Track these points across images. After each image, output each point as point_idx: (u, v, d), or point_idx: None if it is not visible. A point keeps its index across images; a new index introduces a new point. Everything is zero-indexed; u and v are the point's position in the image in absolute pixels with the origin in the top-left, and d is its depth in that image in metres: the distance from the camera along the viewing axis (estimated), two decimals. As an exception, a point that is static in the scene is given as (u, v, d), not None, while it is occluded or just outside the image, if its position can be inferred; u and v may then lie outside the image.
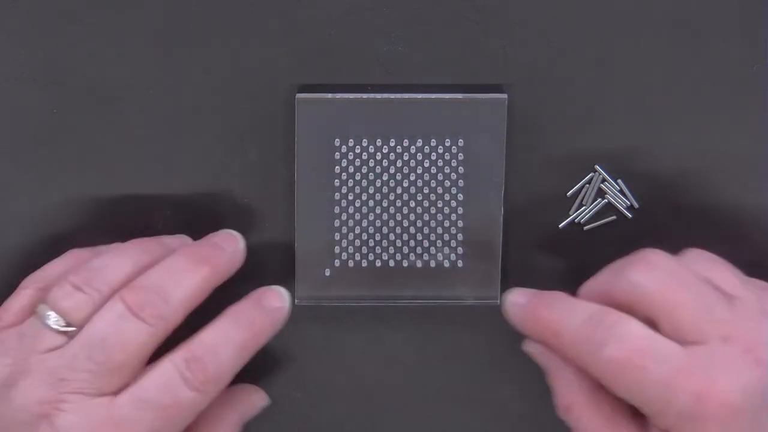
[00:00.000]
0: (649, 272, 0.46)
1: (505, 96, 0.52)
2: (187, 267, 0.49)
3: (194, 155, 0.53)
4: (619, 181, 0.53)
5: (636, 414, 0.47)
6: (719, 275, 0.47)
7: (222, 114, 0.52)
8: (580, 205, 0.53)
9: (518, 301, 0.50)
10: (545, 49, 0.52)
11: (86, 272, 0.48)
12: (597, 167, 0.53)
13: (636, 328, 0.45)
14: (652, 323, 0.46)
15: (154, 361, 0.48)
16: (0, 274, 0.53)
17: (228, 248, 0.51)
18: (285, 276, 0.53)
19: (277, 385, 0.54)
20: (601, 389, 0.48)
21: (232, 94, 0.52)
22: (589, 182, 0.53)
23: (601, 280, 0.48)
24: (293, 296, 0.52)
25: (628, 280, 0.46)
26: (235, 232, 0.51)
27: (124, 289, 0.48)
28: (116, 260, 0.49)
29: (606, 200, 0.53)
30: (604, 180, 0.53)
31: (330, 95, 0.52)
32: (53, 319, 0.48)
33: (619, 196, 0.53)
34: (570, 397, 0.49)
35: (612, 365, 0.45)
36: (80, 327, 0.48)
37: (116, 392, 0.47)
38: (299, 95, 0.52)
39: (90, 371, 0.47)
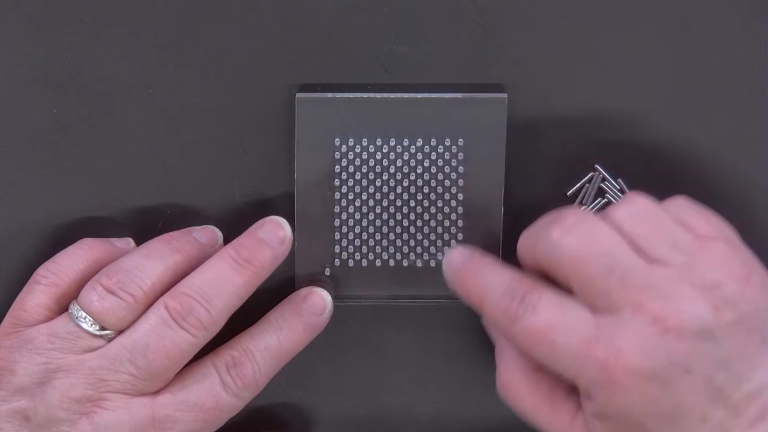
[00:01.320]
0: (562, 237, 0.45)
1: (505, 96, 0.52)
2: (230, 272, 0.49)
3: (194, 155, 0.53)
4: (619, 180, 0.53)
5: (573, 391, 0.47)
6: (659, 233, 0.45)
7: (222, 114, 0.52)
8: (580, 205, 0.53)
9: (455, 264, 0.49)
10: (545, 49, 0.52)
11: (118, 275, 0.49)
12: (597, 167, 0.53)
13: (547, 300, 0.45)
14: (564, 291, 0.45)
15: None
16: (1, 273, 0.53)
17: (273, 242, 0.51)
18: (285, 276, 0.53)
19: (277, 385, 0.54)
20: (540, 369, 0.48)
21: (232, 94, 0.52)
22: (589, 182, 0.53)
23: (529, 236, 0.47)
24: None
25: (545, 244, 0.45)
26: (281, 220, 0.52)
27: (167, 296, 0.49)
28: (148, 262, 0.49)
29: (606, 200, 0.53)
30: (604, 180, 0.53)
31: (330, 95, 0.52)
32: (89, 322, 0.48)
33: (619, 195, 0.53)
34: (509, 373, 0.48)
35: (525, 338, 0.45)
36: (116, 330, 0.48)
37: (155, 393, 0.48)
38: (299, 95, 0.52)
39: (131, 374, 0.48)
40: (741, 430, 0.43)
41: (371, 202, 0.53)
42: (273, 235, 0.51)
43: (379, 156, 0.52)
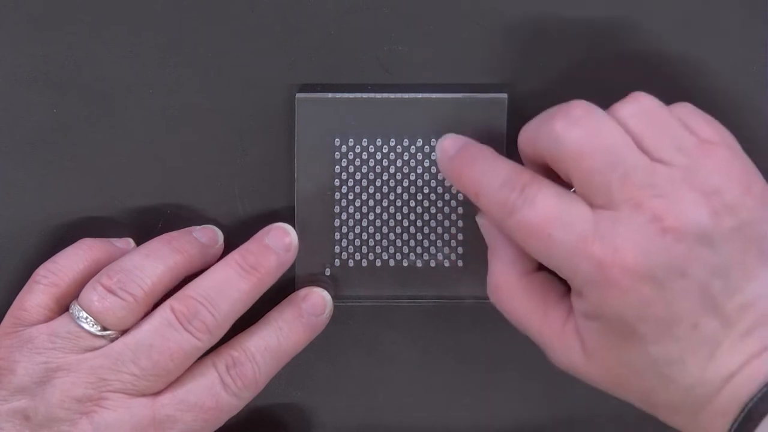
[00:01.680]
0: (566, 129, 0.44)
1: (505, 96, 0.52)
2: (235, 278, 0.49)
3: (194, 155, 0.53)
4: (619, 180, 0.53)
5: (565, 295, 0.47)
6: (664, 134, 0.45)
7: (221, 114, 0.52)
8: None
9: (448, 151, 0.48)
10: (545, 49, 0.52)
11: (118, 275, 0.49)
12: (597, 167, 0.53)
13: (546, 193, 0.44)
14: (564, 185, 0.45)
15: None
16: (1, 273, 0.53)
17: (279, 249, 0.51)
18: (285, 276, 0.53)
19: (277, 385, 0.54)
20: (534, 271, 0.47)
21: (232, 94, 0.52)
22: (589, 182, 0.53)
23: (532, 126, 0.47)
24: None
25: (547, 135, 0.45)
26: (288, 228, 0.51)
27: (173, 299, 0.49)
28: (148, 262, 0.49)
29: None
30: (604, 180, 0.53)
31: (330, 95, 0.52)
32: (90, 322, 0.48)
33: (619, 195, 0.53)
34: (501, 275, 0.48)
35: (522, 231, 0.45)
36: (116, 330, 0.49)
37: (156, 393, 0.48)
38: (299, 95, 0.52)
39: (133, 374, 0.48)
40: (731, 342, 0.43)
41: (371, 202, 0.53)
42: (279, 242, 0.51)
43: (379, 156, 0.52)
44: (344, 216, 0.53)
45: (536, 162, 0.46)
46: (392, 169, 0.52)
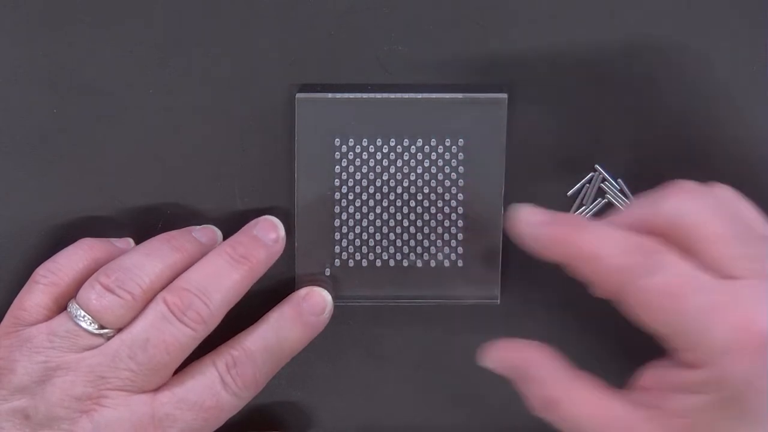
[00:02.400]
0: (689, 201, 0.45)
1: (505, 96, 0.52)
2: (227, 268, 0.50)
3: (194, 155, 0.53)
4: (619, 180, 0.53)
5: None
6: (746, 213, 0.46)
7: (222, 114, 0.52)
8: (580, 205, 0.53)
9: (534, 220, 0.47)
10: (545, 49, 0.52)
11: (117, 273, 0.49)
12: (597, 167, 0.53)
13: (674, 258, 0.44)
14: (686, 256, 0.44)
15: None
16: (1, 273, 0.53)
17: (268, 241, 0.51)
18: (285, 276, 0.53)
19: (277, 385, 0.54)
20: (577, 376, 0.46)
21: (232, 94, 0.52)
22: (589, 182, 0.53)
23: (636, 212, 0.46)
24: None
25: (669, 209, 0.45)
26: (275, 220, 0.52)
27: (166, 291, 0.49)
28: (147, 260, 0.49)
29: (606, 200, 0.53)
30: (604, 180, 0.53)
31: (330, 95, 0.52)
32: (87, 321, 0.48)
33: (619, 196, 0.53)
34: (548, 393, 0.47)
35: (653, 294, 0.44)
36: (114, 328, 0.49)
37: (155, 390, 0.49)
38: (299, 95, 0.52)
39: (131, 370, 0.48)
40: None
41: (371, 202, 0.53)
42: (267, 234, 0.51)
43: (379, 156, 0.52)
44: (344, 216, 0.53)
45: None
46: (392, 169, 0.52)
